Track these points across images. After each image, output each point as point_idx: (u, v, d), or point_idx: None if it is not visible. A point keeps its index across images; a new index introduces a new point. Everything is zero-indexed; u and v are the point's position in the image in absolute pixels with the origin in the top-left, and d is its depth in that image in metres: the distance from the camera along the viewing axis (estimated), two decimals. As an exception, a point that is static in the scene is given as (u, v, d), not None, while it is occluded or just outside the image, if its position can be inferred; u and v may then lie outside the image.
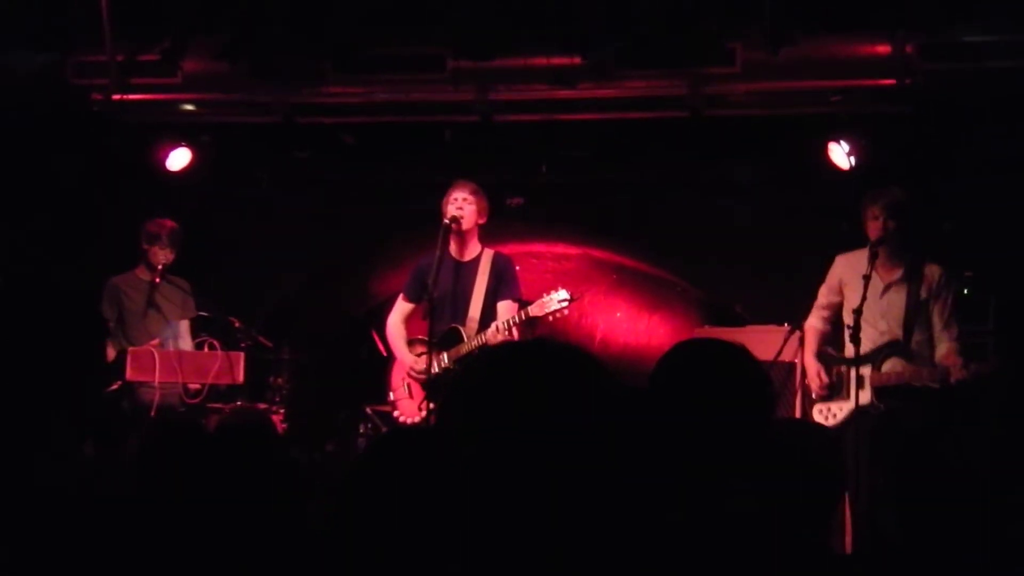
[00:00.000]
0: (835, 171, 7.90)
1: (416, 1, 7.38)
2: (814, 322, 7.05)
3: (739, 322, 8.42)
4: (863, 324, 6.54)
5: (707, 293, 9.29)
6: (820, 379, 6.82)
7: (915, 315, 6.69)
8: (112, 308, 7.91)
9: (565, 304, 6.49)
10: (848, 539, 6.36)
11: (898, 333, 6.69)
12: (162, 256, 7.90)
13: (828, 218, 8.00)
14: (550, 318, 6.58)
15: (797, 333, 7.15)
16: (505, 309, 6.82)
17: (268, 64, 7.70)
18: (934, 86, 7.20)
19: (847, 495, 6.02)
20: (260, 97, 8.12)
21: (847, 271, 6.87)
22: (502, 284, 6.85)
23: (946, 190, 7.86)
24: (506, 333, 6.58)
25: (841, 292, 6.91)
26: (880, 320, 6.72)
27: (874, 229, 6.71)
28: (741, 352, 2.75)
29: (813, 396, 6.92)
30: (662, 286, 9.48)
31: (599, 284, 9.50)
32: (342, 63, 7.77)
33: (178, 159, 8.62)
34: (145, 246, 7.94)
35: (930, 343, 6.69)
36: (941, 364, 6.58)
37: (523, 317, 6.58)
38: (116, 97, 8.00)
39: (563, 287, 6.63)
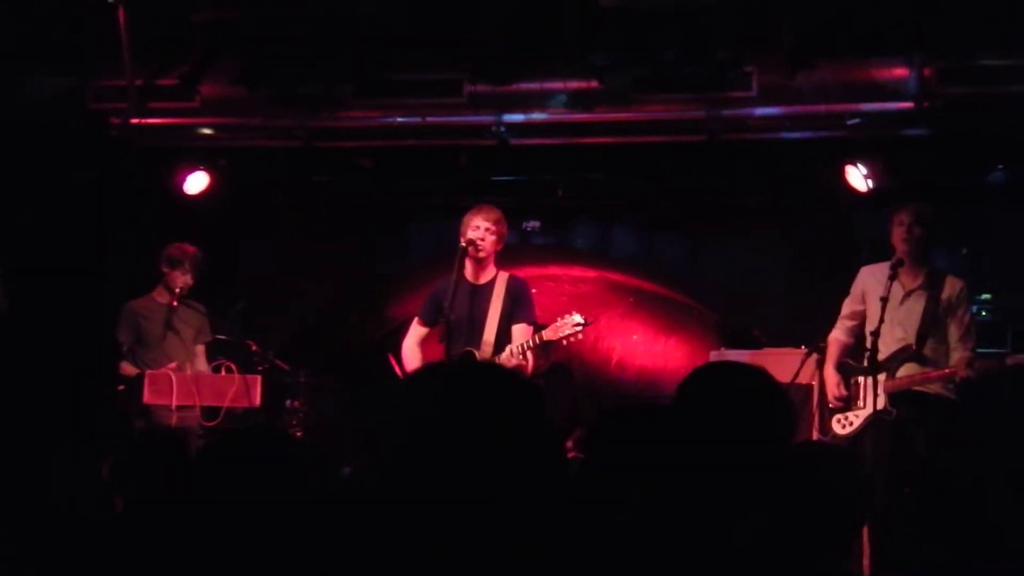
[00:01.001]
0: (853, 194, 7.89)
1: (434, 26, 7.40)
2: (837, 334, 7.08)
3: (756, 345, 8.39)
4: (881, 332, 6.63)
5: (724, 316, 9.27)
6: (838, 390, 6.87)
7: (931, 324, 6.71)
8: (130, 332, 7.93)
9: (579, 328, 6.47)
10: (866, 561, 6.32)
11: (912, 340, 6.71)
12: (181, 280, 7.92)
13: (845, 241, 7.98)
14: (564, 342, 6.56)
15: (814, 356, 7.16)
16: (520, 332, 6.81)
17: (287, 89, 7.73)
18: (952, 110, 7.20)
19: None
20: (278, 121, 8.15)
21: (870, 282, 6.93)
22: (517, 307, 6.83)
23: (964, 214, 7.85)
24: (520, 357, 6.56)
25: (864, 302, 6.94)
26: (897, 327, 6.75)
27: (899, 235, 6.75)
28: (764, 376, 2.75)
29: (830, 406, 6.98)
30: (679, 309, 9.47)
31: (616, 307, 9.49)
32: (360, 87, 7.80)
33: (195, 183, 8.66)
34: (166, 269, 7.96)
35: (946, 353, 6.71)
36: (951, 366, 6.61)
37: (537, 341, 6.57)
38: (135, 121, 8.04)
39: (579, 311, 6.62)
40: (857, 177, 7.81)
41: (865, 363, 6.68)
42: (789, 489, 2.51)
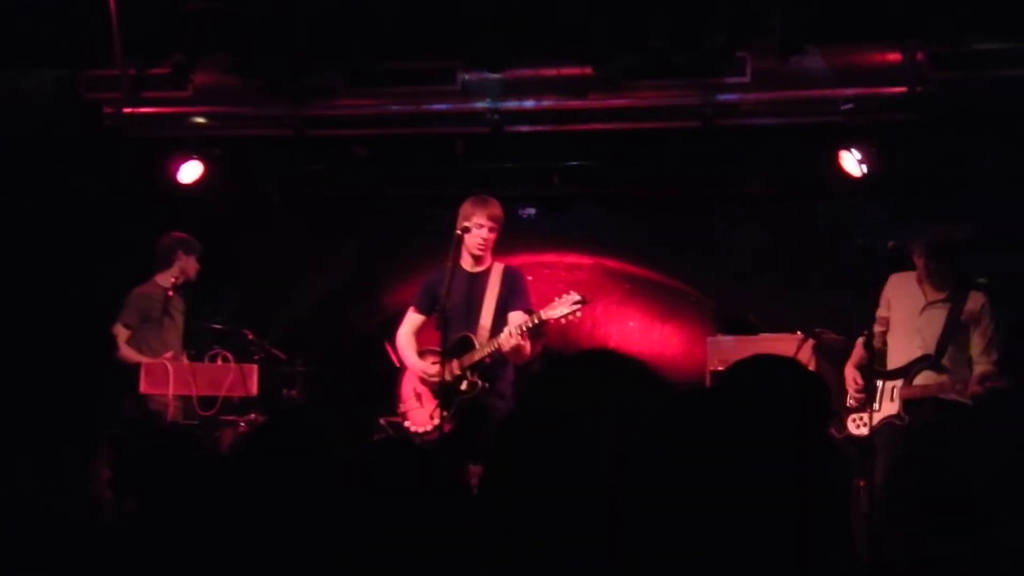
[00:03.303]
0: (847, 179, 7.89)
1: (427, 14, 7.39)
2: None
3: (752, 331, 8.40)
4: (899, 340, 6.83)
5: (720, 302, 9.28)
6: (856, 384, 6.89)
7: (952, 335, 6.79)
8: (137, 317, 7.89)
9: (578, 307, 6.41)
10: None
11: (932, 349, 6.76)
12: (194, 268, 7.98)
13: (840, 226, 7.98)
14: (563, 321, 6.52)
15: (810, 341, 7.18)
16: (516, 320, 6.79)
17: (279, 78, 7.73)
18: (945, 94, 7.20)
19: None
20: (271, 110, 8.15)
21: (894, 290, 7.00)
22: (513, 295, 6.81)
23: (958, 198, 7.84)
24: (519, 338, 6.53)
25: (889, 308, 7.00)
26: (916, 336, 6.83)
27: (919, 268, 6.86)
28: (806, 371, 2.76)
29: (848, 404, 7.01)
30: (674, 295, 9.47)
31: (612, 294, 9.50)
32: (353, 76, 7.79)
33: (189, 172, 8.65)
34: (181, 254, 7.98)
35: (967, 364, 6.79)
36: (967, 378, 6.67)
37: (536, 321, 6.54)
38: (127, 110, 8.04)
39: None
40: (851, 162, 7.82)
41: (889, 358, 6.83)
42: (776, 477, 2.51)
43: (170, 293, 7.94)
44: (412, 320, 7.10)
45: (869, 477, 6.61)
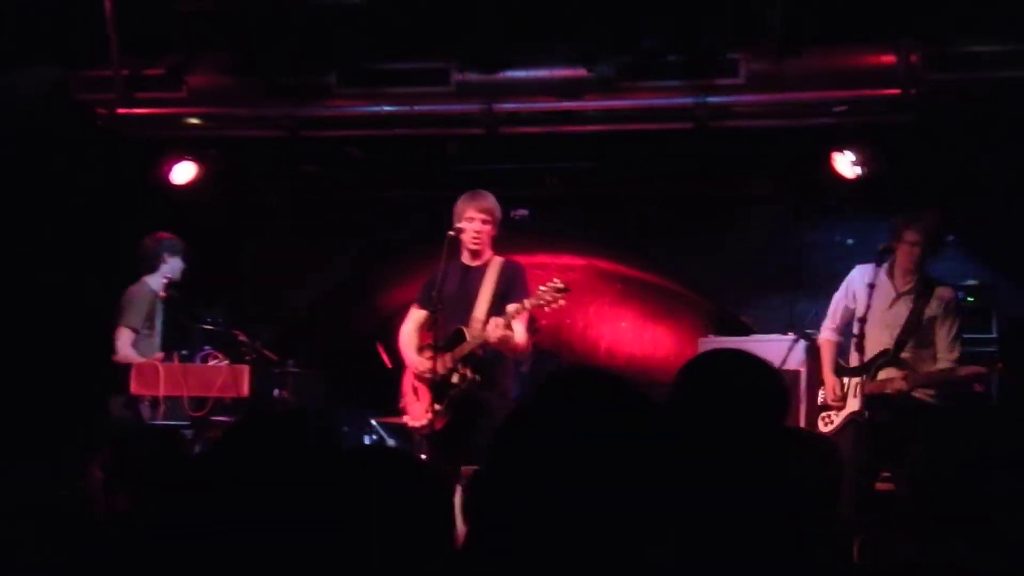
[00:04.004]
0: (840, 181, 7.90)
1: (421, 15, 7.39)
2: (828, 335, 7.01)
3: (744, 332, 8.41)
4: (872, 334, 6.67)
5: (712, 303, 9.29)
6: (835, 393, 6.84)
7: (914, 330, 6.69)
8: (140, 319, 7.85)
9: (560, 295, 6.40)
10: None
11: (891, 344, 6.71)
12: (180, 269, 7.93)
13: (833, 228, 7.99)
14: (547, 309, 6.50)
15: (801, 342, 7.16)
16: (510, 311, 6.78)
17: (274, 78, 7.73)
18: (939, 96, 7.20)
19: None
20: (266, 111, 8.14)
21: (860, 281, 6.85)
22: (512, 289, 6.77)
23: (951, 200, 7.85)
24: (503, 328, 6.51)
25: (855, 300, 6.89)
26: (884, 330, 6.73)
27: (904, 252, 6.69)
28: (759, 362, 2.75)
29: (825, 403, 6.93)
30: (667, 296, 9.49)
31: (605, 295, 9.51)
32: (347, 77, 7.79)
33: (182, 173, 8.64)
34: (168, 257, 7.92)
35: (929, 359, 6.70)
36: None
37: (519, 309, 6.51)
38: (121, 111, 8.03)
39: (567, 298, 6.56)
40: (845, 164, 7.82)
41: (854, 353, 6.73)
42: (764, 475, 2.50)
43: (161, 294, 7.91)
44: (415, 316, 7.09)
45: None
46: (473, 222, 6.75)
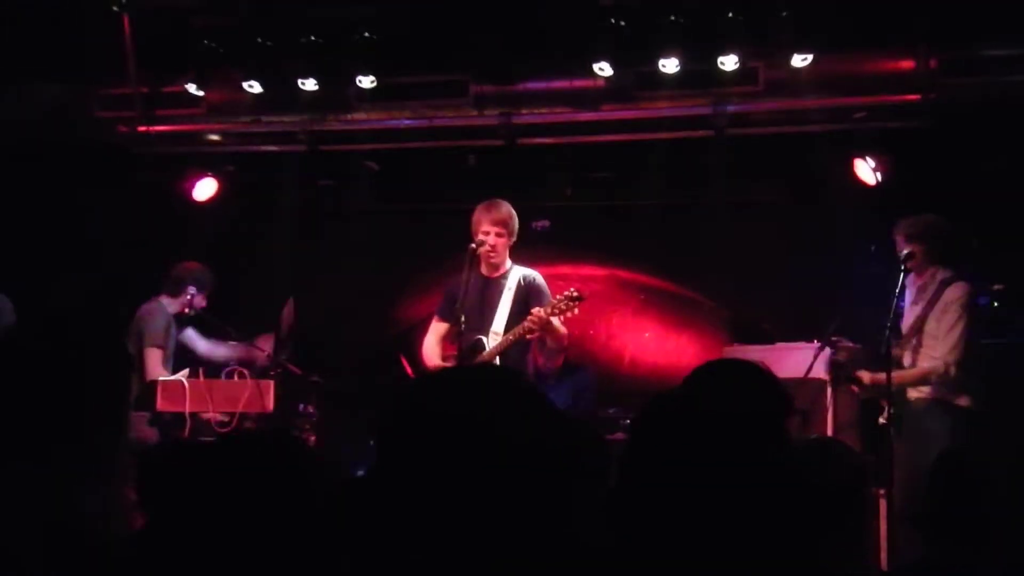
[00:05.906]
0: (861, 187, 7.88)
1: (438, 28, 7.41)
2: None
3: (768, 340, 8.38)
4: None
5: (734, 311, 9.26)
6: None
7: (920, 327, 6.66)
8: (166, 337, 7.84)
9: (575, 303, 6.43)
10: (884, 555, 6.31)
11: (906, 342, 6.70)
12: (199, 304, 7.89)
13: (855, 234, 7.97)
14: (561, 318, 6.53)
15: (827, 350, 7.12)
16: (529, 323, 6.78)
17: (292, 93, 7.76)
18: (958, 101, 7.18)
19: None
20: (284, 126, 8.17)
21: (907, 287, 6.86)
22: (532, 298, 6.79)
23: (972, 204, 7.81)
24: (518, 336, 6.54)
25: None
26: (909, 331, 6.74)
27: (906, 256, 6.67)
28: (755, 368, 2.76)
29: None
30: (689, 305, 9.46)
31: (626, 305, 9.49)
32: (365, 91, 7.81)
33: (204, 189, 8.67)
34: (193, 289, 7.82)
35: (927, 358, 6.62)
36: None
37: (536, 320, 6.52)
38: (142, 128, 8.08)
39: (589, 309, 6.60)
40: (866, 170, 7.81)
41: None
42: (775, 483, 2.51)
43: (172, 317, 7.90)
44: (437, 329, 7.10)
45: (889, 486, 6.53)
46: (489, 235, 6.77)
